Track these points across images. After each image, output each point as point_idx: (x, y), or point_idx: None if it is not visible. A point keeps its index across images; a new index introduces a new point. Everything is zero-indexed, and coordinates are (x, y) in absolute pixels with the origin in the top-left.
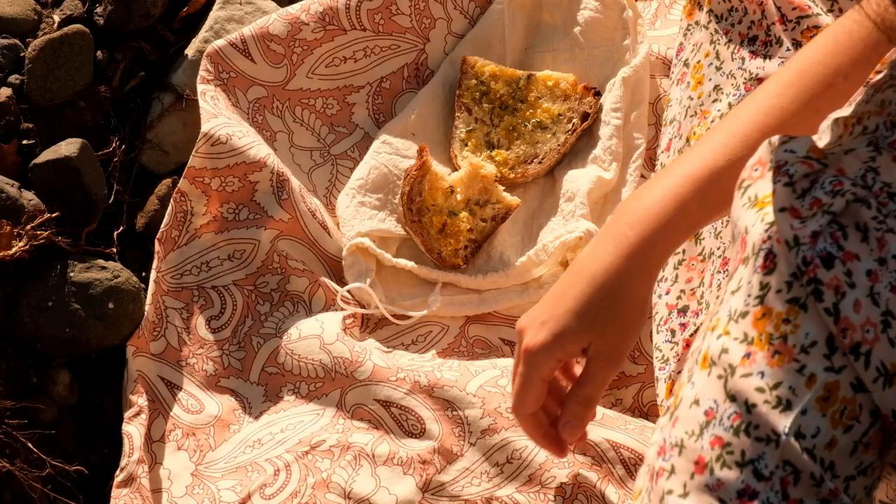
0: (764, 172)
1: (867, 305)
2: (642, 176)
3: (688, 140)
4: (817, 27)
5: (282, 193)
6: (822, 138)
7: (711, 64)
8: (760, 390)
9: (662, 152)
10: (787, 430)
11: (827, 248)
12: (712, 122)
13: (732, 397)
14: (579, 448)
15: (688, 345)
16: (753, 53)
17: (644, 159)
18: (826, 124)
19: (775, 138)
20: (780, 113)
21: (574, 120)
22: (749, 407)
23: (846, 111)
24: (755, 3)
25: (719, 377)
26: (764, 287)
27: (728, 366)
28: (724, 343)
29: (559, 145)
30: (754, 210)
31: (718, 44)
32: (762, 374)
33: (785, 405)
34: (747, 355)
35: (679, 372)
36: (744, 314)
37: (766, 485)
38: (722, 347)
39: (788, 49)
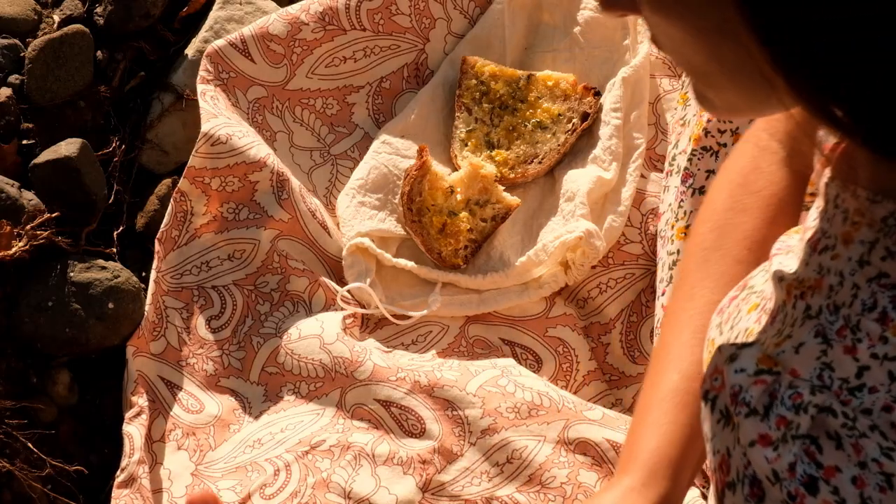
0: (724, 381)
1: None
2: (642, 176)
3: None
4: None
5: (282, 193)
6: (770, 300)
7: None
8: None
9: (681, 153)
10: None
11: (806, 470)
12: (708, 121)
13: None
14: (579, 448)
15: None
16: None
17: (644, 159)
18: (771, 272)
19: (724, 345)
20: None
21: (574, 120)
22: None
23: (791, 264)
24: None
25: None
26: None
27: None
28: None
29: (559, 145)
30: (729, 430)
31: None
32: None
33: None
34: None
35: None
36: None
37: None
38: None
39: None
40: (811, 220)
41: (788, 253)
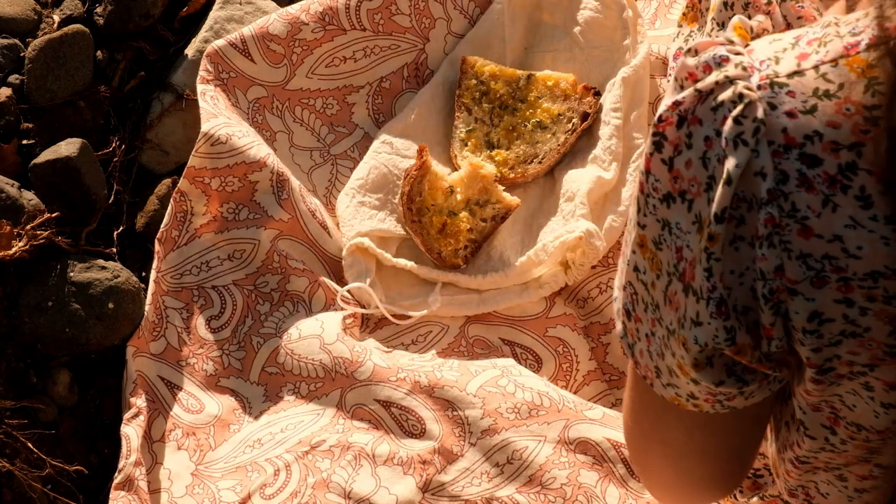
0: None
1: (697, 166)
2: None
3: None
4: None
5: (282, 193)
6: None
7: None
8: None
9: None
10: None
11: (679, 111)
12: None
13: None
14: (580, 447)
15: None
16: None
17: None
18: None
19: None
20: None
21: (574, 120)
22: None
23: None
24: (762, 11)
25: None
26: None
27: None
28: None
29: (559, 145)
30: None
31: None
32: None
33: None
34: None
35: None
36: None
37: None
38: None
39: None
40: None
41: None
